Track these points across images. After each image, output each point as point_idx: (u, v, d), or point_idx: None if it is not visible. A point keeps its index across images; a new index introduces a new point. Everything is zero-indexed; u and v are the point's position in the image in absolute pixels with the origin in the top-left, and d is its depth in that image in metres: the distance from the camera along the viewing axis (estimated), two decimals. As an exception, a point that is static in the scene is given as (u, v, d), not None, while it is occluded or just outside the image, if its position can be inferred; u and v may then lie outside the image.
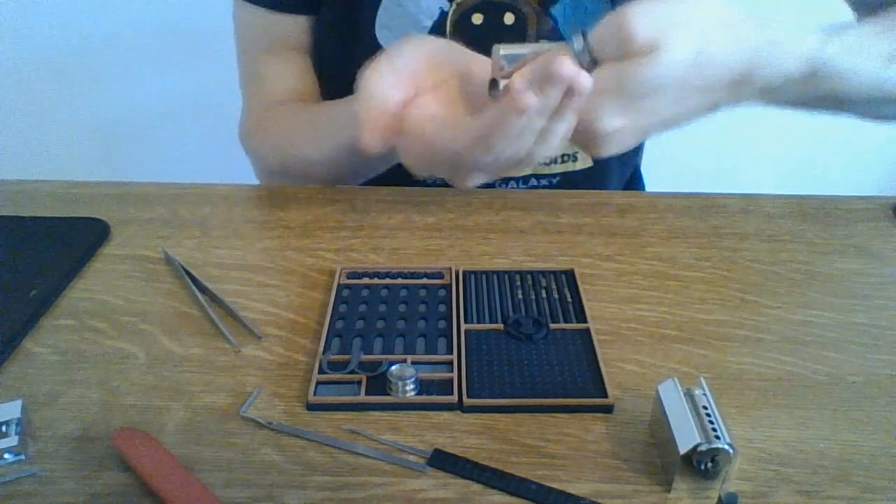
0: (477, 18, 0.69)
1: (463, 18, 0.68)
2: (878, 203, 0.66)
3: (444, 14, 0.68)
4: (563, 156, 0.75)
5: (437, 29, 0.69)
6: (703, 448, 0.37)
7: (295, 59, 0.75)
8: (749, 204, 0.66)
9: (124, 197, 0.67)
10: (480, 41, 0.57)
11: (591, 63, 0.46)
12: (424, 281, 0.55)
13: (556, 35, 0.69)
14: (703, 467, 0.38)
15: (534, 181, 0.75)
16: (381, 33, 0.69)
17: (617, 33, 0.45)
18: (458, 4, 0.68)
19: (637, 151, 0.84)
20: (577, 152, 0.75)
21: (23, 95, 1.55)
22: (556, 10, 0.68)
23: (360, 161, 0.62)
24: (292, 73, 0.75)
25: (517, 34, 0.69)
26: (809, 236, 0.62)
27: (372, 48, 0.68)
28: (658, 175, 0.94)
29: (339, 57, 0.74)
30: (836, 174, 1.68)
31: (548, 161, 0.74)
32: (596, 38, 0.46)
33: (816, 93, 0.53)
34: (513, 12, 0.68)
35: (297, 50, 0.75)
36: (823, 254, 0.59)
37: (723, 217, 0.64)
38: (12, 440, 0.40)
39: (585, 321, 0.50)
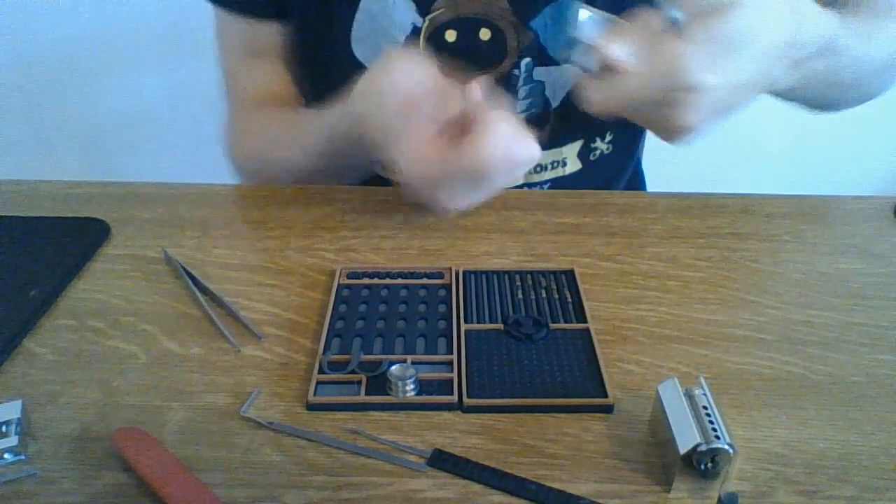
0: (450, 36, 0.67)
1: (436, 35, 0.67)
2: (878, 203, 0.66)
3: (416, 29, 0.67)
4: (552, 162, 0.75)
5: (410, 43, 0.68)
6: (703, 448, 0.37)
7: (270, 63, 0.75)
8: (749, 204, 0.66)
9: (124, 197, 0.67)
10: (455, 58, 0.57)
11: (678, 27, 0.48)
12: (424, 281, 0.55)
13: (537, 47, 0.68)
14: (703, 467, 0.38)
15: (525, 189, 0.75)
16: (356, 47, 0.69)
17: None
18: (430, 20, 0.67)
19: (631, 151, 0.84)
20: (566, 158, 0.75)
21: (22, 95, 1.55)
22: (535, 22, 0.67)
23: (345, 164, 0.65)
24: (267, 76, 0.75)
25: (495, 50, 0.68)
26: (809, 236, 0.62)
27: (348, 62, 0.69)
28: (658, 175, 0.94)
29: (318, 71, 0.74)
30: (836, 174, 1.68)
31: (537, 169, 0.75)
32: None
33: (826, 71, 0.54)
34: (489, 28, 0.67)
35: (272, 55, 0.75)
36: (823, 254, 0.59)
37: (723, 217, 0.64)
38: (12, 440, 0.40)
39: (585, 321, 0.50)
